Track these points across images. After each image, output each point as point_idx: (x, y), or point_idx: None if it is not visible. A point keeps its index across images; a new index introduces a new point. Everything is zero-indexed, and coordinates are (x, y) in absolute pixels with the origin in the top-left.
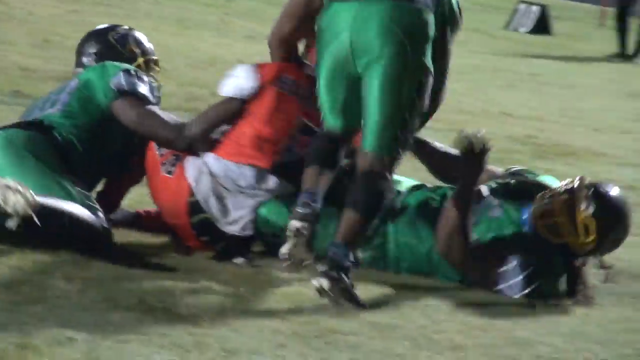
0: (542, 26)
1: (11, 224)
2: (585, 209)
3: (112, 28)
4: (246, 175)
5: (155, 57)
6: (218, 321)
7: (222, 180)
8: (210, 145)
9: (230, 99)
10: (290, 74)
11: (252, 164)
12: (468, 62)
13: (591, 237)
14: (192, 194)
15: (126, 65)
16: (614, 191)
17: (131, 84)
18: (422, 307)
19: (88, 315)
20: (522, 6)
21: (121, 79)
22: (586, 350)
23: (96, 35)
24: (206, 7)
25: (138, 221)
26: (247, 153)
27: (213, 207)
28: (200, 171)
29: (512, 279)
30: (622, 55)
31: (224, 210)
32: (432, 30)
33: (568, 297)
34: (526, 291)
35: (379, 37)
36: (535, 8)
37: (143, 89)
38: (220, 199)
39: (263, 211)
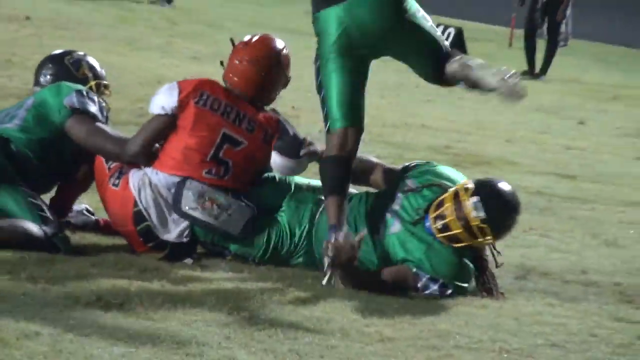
0: (458, 46)
1: None
2: (476, 216)
3: (68, 53)
4: (172, 184)
5: (105, 82)
6: (169, 316)
7: (161, 191)
8: (152, 158)
9: (157, 116)
10: (209, 90)
11: (180, 174)
12: (392, 79)
13: (489, 237)
14: (136, 204)
15: (79, 86)
16: (498, 189)
17: (82, 103)
18: (353, 303)
19: (52, 312)
20: (440, 28)
21: (73, 98)
22: (501, 341)
23: (53, 59)
24: (153, 30)
25: (96, 227)
26: (177, 165)
27: (153, 216)
28: (142, 183)
29: (428, 290)
30: (530, 73)
31: (163, 219)
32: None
33: (479, 291)
34: (445, 295)
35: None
36: (451, 30)
37: (93, 108)
38: (159, 208)
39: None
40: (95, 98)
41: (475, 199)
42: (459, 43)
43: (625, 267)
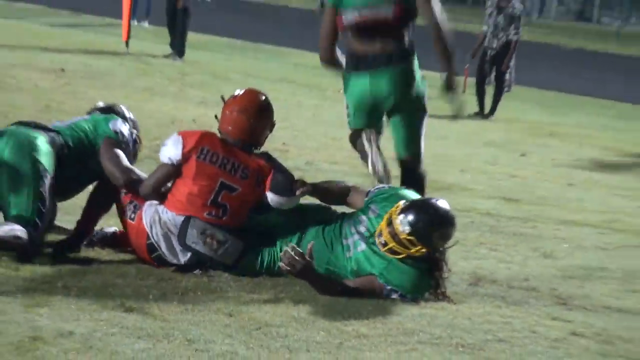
0: None
1: None
2: (402, 230)
3: (115, 105)
4: (179, 222)
5: (139, 134)
6: (181, 318)
7: (170, 227)
8: (161, 196)
9: (165, 164)
10: (208, 145)
11: (185, 214)
12: None
13: (419, 247)
14: (148, 237)
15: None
16: (426, 206)
17: (122, 131)
18: (334, 306)
19: (83, 315)
20: None
21: (118, 124)
22: (457, 337)
23: (102, 108)
24: (167, 80)
25: (115, 238)
26: (182, 206)
27: (164, 248)
28: (154, 220)
29: (391, 297)
30: (481, 114)
31: (172, 250)
32: (419, 74)
33: (435, 295)
34: (406, 300)
35: (394, 93)
36: None
37: (127, 137)
38: (169, 242)
39: None
40: (134, 134)
41: (402, 216)
42: None
43: (560, 275)
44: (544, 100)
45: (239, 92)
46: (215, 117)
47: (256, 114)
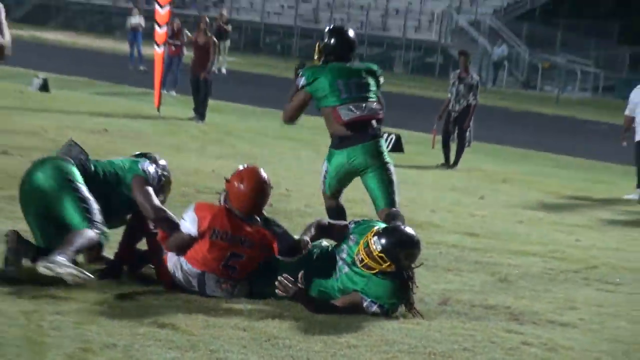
0: (397, 147)
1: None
2: (375, 249)
3: (149, 153)
4: (197, 274)
5: (170, 178)
6: (205, 332)
7: (190, 276)
8: (184, 251)
9: (185, 234)
10: (220, 226)
11: (202, 270)
12: None
13: (388, 263)
14: (173, 277)
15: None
16: (395, 232)
17: (148, 169)
18: (330, 322)
19: (124, 330)
20: (384, 134)
21: (146, 165)
22: (430, 347)
23: (140, 153)
24: (191, 139)
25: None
26: (199, 264)
27: (186, 287)
28: (176, 267)
29: (372, 309)
30: (447, 165)
31: (194, 290)
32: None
33: (407, 307)
34: (384, 311)
35: (370, 159)
36: (393, 135)
37: (153, 175)
38: (190, 284)
39: None
40: (159, 172)
41: (375, 238)
42: (399, 145)
43: (512, 295)
44: (498, 153)
45: (242, 171)
46: (225, 179)
47: (260, 193)
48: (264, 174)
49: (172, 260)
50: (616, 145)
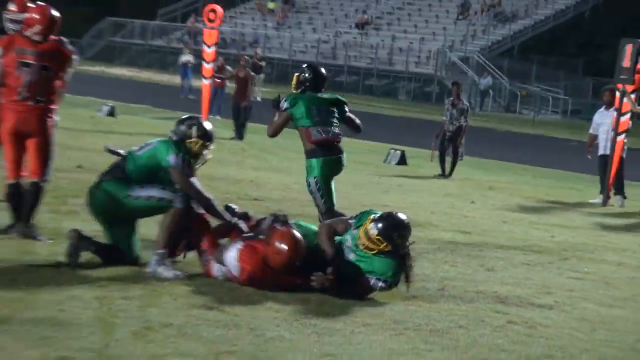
0: (402, 161)
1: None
2: (373, 232)
3: (192, 117)
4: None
5: (208, 142)
6: (245, 313)
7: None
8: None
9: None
10: (258, 281)
11: None
12: (364, 178)
13: (385, 244)
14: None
15: (176, 150)
16: (390, 217)
17: (175, 161)
18: (348, 305)
19: (180, 312)
20: (392, 150)
21: (172, 159)
22: (431, 324)
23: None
24: (233, 154)
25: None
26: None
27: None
28: (219, 271)
29: (377, 285)
30: (443, 175)
31: None
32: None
33: (404, 280)
34: (387, 288)
35: (335, 171)
36: (398, 152)
37: (180, 163)
38: None
39: None
40: (185, 159)
41: (372, 224)
42: (403, 159)
43: (499, 281)
44: (485, 166)
45: (280, 240)
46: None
47: (296, 257)
48: (298, 236)
49: (215, 270)
50: (583, 158)
